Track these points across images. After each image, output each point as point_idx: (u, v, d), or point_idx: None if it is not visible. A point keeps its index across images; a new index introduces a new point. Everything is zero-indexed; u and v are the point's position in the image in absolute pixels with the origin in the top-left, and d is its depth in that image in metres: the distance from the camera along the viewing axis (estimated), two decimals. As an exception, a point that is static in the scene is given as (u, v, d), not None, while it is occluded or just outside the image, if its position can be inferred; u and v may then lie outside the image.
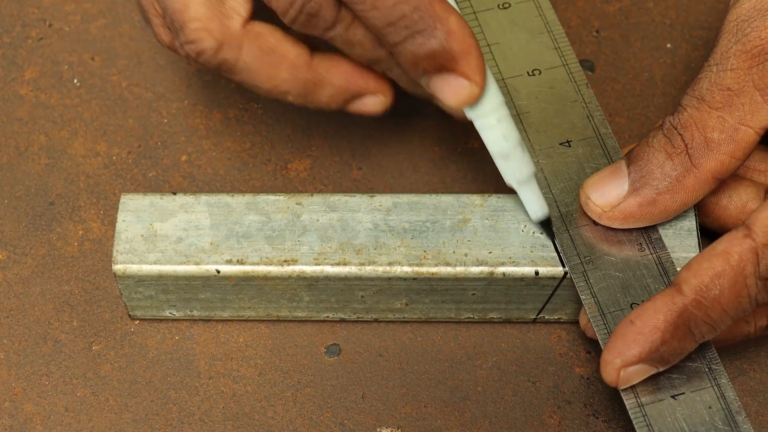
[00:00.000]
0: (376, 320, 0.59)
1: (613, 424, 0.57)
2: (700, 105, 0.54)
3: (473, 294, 0.57)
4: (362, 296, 0.58)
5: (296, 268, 0.56)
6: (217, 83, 0.67)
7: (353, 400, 0.58)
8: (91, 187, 0.63)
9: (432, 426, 0.57)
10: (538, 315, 0.59)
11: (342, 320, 0.59)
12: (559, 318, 0.59)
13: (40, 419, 0.57)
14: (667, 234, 0.56)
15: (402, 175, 0.64)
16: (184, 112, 0.66)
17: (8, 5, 0.69)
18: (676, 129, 0.54)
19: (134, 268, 0.57)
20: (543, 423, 0.57)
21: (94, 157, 0.64)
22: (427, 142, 0.65)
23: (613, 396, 0.57)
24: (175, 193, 0.58)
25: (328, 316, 0.59)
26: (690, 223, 0.56)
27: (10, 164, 0.64)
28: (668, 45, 0.67)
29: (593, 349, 0.59)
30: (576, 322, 0.59)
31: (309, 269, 0.57)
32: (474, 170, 0.64)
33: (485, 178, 0.63)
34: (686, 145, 0.54)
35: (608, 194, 0.55)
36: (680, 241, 0.56)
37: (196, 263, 0.57)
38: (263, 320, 0.60)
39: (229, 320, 0.60)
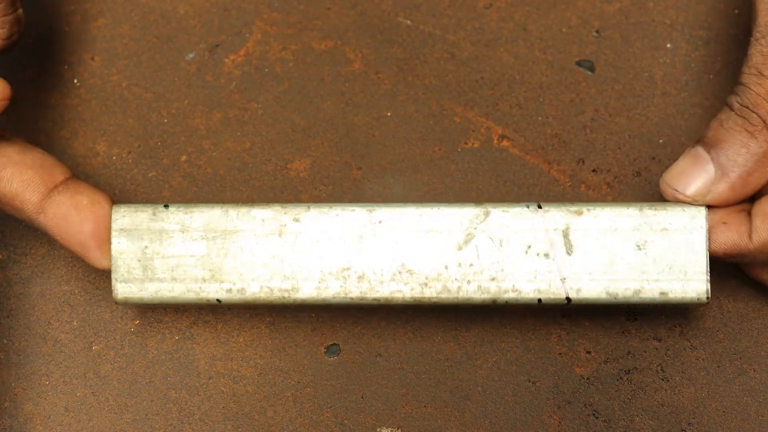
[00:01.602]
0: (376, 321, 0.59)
1: (613, 424, 0.57)
2: (760, 80, 0.55)
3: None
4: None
5: (298, 297, 0.56)
6: (217, 83, 0.67)
7: (353, 400, 0.58)
8: (91, 187, 0.63)
9: (432, 426, 0.57)
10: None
11: (342, 321, 0.59)
12: None
13: (40, 419, 0.57)
14: (670, 237, 0.56)
15: (402, 175, 0.64)
16: (184, 112, 0.66)
17: (8, 5, 0.69)
18: (748, 108, 0.54)
19: (135, 299, 0.56)
20: (543, 423, 0.57)
21: (94, 158, 0.64)
22: (427, 142, 0.65)
23: (613, 396, 0.57)
24: (167, 206, 0.57)
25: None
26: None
27: (10, 164, 0.64)
28: (668, 45, 0.67)
29: (593, 349, 0.59)
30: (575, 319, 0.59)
31: (310, 298, 0.56)
32: (474, 170, 0.64)
33: (485, 178, 0.63)
34: (764, 121, 0.54)
35: (696, 183, 0.55)
36: (685, 247, 0.56)
37: (197, 293, 0.56)
38: (263, 320, 0.60)
39: (229, 320, 0.60)
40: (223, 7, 0.69)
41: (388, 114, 0.66)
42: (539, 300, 0.55)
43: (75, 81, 0.67)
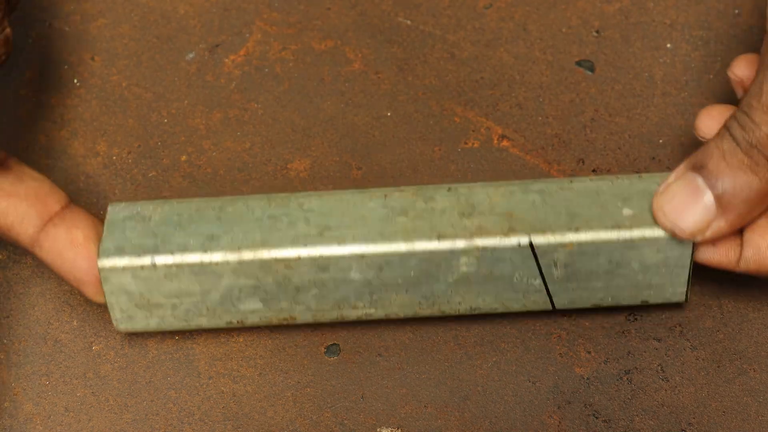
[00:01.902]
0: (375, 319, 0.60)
1: (613, 424, 0.57)
2: None
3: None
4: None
5: (297, 323, 0.57)
6: (217, 83, 0.67)
7: (353, 400, 0.58)
8: (90, 187, 0.63)
9: (432, 426, 0.57)
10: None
11: (341, 323, 0.59)
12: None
13: (40, 419, 0.57)
14: (656, 260, 0.56)
15: (402, 175, 0.64)
16: (184, 112, 0.66)
17: (8, 5, 0.69)
18: (756, 148, 0.53)
19: (139, 328, 0.57)
20: (543, 423, 0.57)
21: (94, 157, 0.64)
22: (427, 142, 0.65)
23: (613, 396, 0.57)
24: (154, 265, 0.55)
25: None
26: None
27: (10, 164, 0.64)
28: (668, 45, 0.67)
29: (593, 349, 0.59)
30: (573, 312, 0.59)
31: (310, 322, 0.58)
32: (474, 170, 0.64)
33: (485, 178, 0.63)
34: (752, 144, 0.53)
35: (695, 217, 0.54)
36: (671, 269, 0.57)
37: (198, 326, 0.57)
38: (263, 320, 0.60)
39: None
40: (223, 7, 0.69)
41: (388, 114, 0.66)
42: (526, 312, 0.58)
43: (75, 81, 0.67)
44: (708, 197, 0.53)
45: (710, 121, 0.56)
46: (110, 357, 0.59)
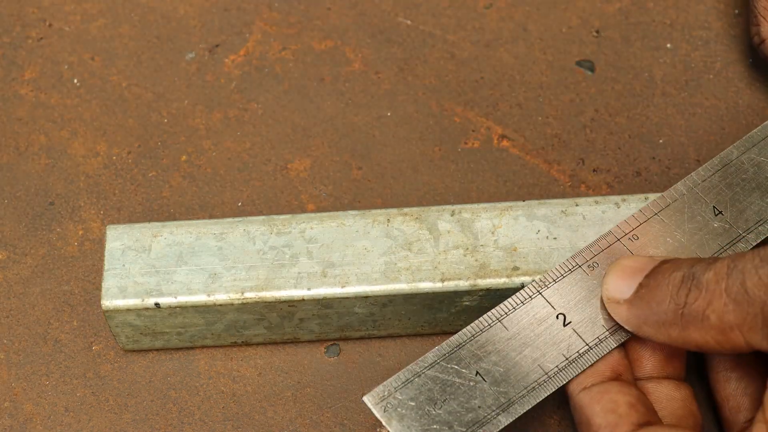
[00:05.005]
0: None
1: (613, 424, 0.57)
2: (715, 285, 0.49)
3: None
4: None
5: (300, 341, 0.58)
6: (217, 83, 0.67)
7: (353, 400, 0.58)
8: (91, 187, 0.63)
9: (432, 426, 0.57)
10: None
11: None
12: None
13: (40, 419, 0.57)
14: None
15: (402, 175, 0.64)
16: (184, 112, 0.66)
17: (8, 5, 0.69)
18: (692, 278, 0.50)
19: (145, 348, 0.58)
20: (543, 423, 0.57)
21: (94, 157, 0.64)
22: (427, 142, 0.65)
23: (613, 396, 0.57)
24: (158, 306, 0.55)
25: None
26: None
27: (10, 164, 0.64)
28: (668, 45, 0.67)
29: (593, 349, 0.59)
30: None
31: (312, 340, 0.59)
32: (474, 170, 0.64)
33: (485, 178, 0.63)
34: (685, 304, 0.50)
35: (619, 287, 0.51)
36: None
37: (203, 345, 0.58)
38: (263, 320, 0.60)
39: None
40: (223, 7, 0.69)
41: (388, 114, 0.66)
42: None
43: (75, 81, 0.67)
44: (637, 281, 0.51)
45: None
46: (110, 357, 0.59)
